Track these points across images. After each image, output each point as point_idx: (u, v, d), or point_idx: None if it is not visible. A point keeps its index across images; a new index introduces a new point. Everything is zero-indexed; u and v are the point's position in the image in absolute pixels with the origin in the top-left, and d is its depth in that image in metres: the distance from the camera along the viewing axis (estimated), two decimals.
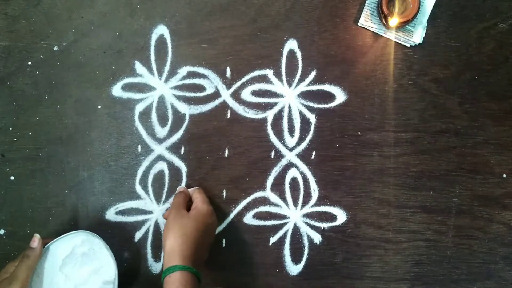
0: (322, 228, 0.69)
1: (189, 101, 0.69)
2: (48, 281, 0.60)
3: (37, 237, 0.59)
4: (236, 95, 0.69)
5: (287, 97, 0.70)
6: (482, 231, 0.70)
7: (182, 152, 0.69)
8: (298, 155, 0.70)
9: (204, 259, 0.62)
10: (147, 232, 0.69)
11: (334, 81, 0.69)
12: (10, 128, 0.68)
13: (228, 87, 0.69)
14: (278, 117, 0.70)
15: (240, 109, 0.69)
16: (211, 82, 0.69)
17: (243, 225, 0.69)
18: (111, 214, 0.69)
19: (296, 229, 0.70)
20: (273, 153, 0.70)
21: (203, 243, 0.60)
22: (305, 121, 0.69)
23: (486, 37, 0.69)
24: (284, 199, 0.70)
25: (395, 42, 0.69)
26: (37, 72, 0.68)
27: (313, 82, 0.69)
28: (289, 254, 0.70)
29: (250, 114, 0.69)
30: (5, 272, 0.58)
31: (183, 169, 0.69)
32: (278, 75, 0.69)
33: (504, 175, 0.70)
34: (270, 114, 0.70)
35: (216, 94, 0.69)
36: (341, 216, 0.70)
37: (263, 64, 0.69)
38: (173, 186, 0.69)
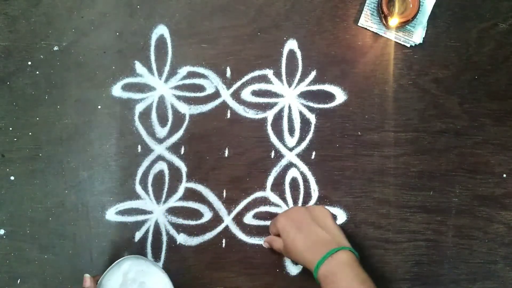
0: None
1: (189, 101, 0.69)
2: None
3: (87, 277, 0.60)
4: (236, 95, 0.69)
5: (287, 97, 0.70)
6: (482, 231, 0.70)
7: (182, 152, 0.69)
8: (298, 155, 0.70)
9: None
10: (147, 232, 0.69)
11: (334, 81, 0.69)
12: (10, 128, 0.68)
13: (228, 87, 0.69)
14: (278, 117, 0.70)
15: (240, 109, 0.69)
16: (211, 82, 0.69)
17: (243, 225, 0.69)
18: (111, 214, 0.69)
19: None
20: (273, 153, 0.70)
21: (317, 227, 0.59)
22: (305, 121, 0.69)
23: (486, 37, 0.69)
24: (284, 199, 0.70)
25: (395, 42, 0.69)
26: (37, 72, 0.68)
27: (313, 82, 0.69)
28: None
29: (250, 114, 0.70)
30: None
31: (183, 169, 0.69)
32: (278, 75, 0.69)
33: (504, 175, 0.70)
34: (270, 114, 0.70)
35: (216, 94, 0.69)
36: (341, 216, 0.70)
37: (263, 64, 0.69)
38: (173, 186, 0.69)
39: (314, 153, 0.70)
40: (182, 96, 0.69)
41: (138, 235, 0.69)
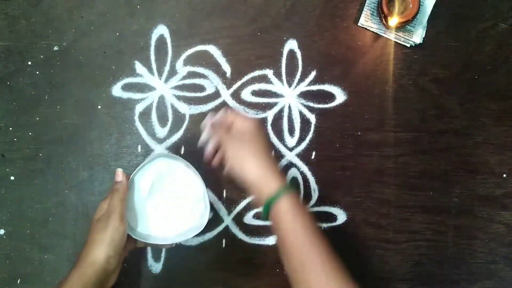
0: (322, 228, 0.69)
1: (189, 101, 0.69)
2: (141, 213, 0.60)
3: (119, 170, 0.59)
4: (236, 95, 0.69)
5: (287, 97, 0.70)
6: (482, 231, 0.70)
7: (182, 152, 0.69)
8: (298, 155, 0.70)
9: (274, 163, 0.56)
10: None
11: (334, 81, 0.69)
12: (10, 128, 0.68)
13: (228, 87, 0.69)
14: (278, 117, 0.70)
15: (240, 109, 0.69)
16: (211, 82, 0.69)
17: (243, 225, 0.69)
18: None
19: None
20: (273, 153, 0.69)
21: (267, 151, 0.56)
22: (305, 121, 0.69)
23: (486, 37, 0.69)
24: None
25: (395, 42, 0.69)
26: (37, 72, 0.68)
27: (313, 82, 0.69)
28: None
29: (250, 114, 0.69)
30: (100, 209, 0.58)
31: None
32: (278, 75, 0.69)
33: (504, 175, 0.70)
34: (270, 114, 0.70)
35: (216, 94, 0.69)
36: (341, 216, 0.70)
37: (263, 64, 0.69)
38: None
39: (314, 153, 0.70)
40: (182, 96, 0.69)
41: None
